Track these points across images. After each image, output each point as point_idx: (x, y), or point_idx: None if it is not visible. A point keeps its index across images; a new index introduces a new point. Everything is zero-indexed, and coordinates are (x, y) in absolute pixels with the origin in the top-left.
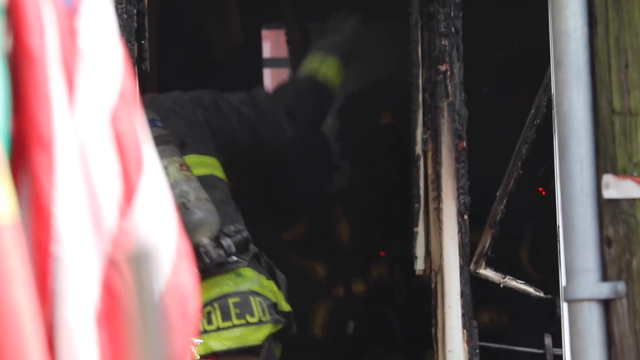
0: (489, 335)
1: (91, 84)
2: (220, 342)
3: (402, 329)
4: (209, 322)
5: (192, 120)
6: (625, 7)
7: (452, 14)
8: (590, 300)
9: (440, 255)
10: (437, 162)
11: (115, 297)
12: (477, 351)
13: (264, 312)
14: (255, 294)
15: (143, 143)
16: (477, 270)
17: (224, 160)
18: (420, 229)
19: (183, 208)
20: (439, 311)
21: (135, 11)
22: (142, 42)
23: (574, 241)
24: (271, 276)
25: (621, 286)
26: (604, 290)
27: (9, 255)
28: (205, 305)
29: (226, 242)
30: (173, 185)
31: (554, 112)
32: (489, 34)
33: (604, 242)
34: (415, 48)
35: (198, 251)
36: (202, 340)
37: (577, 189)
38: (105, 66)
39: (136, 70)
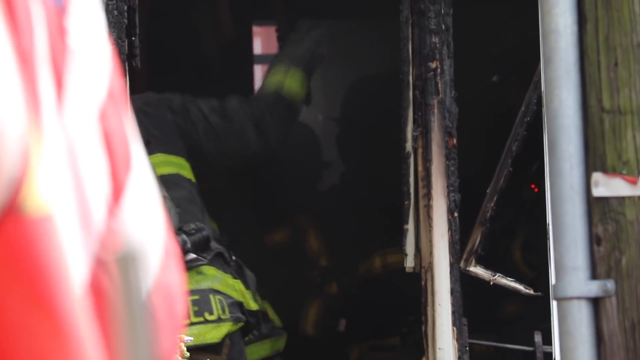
0: None
1: (80, 83)
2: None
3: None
4: None
5: (161, 119)
6: (614, 5)
7: (442, 11)
8: (579, 298)
9: (430, 253)
10: (427, 160)
11: (102, 297)
12: (467, 348)
13: (223, 310)
14: (216, 292)
15: (131, 141)
16: (467, 268)
17: (193, 164)
18: (410, 226)
19: None
20: (429, 309)
21: (125, 7)
22: (133, 38)
23: (564, 239)
24: (239, 275)
25: (610, 284)
26: (594, 288)
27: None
28: None
29: (181, 238)
30: None
31: (544, 109)
32: (479, 31)
33: (594, 240)
34: (406, 45)
35: None
36: (192, 338)
37: (567, 186)
38: (94, 64)
39: (126, 67)
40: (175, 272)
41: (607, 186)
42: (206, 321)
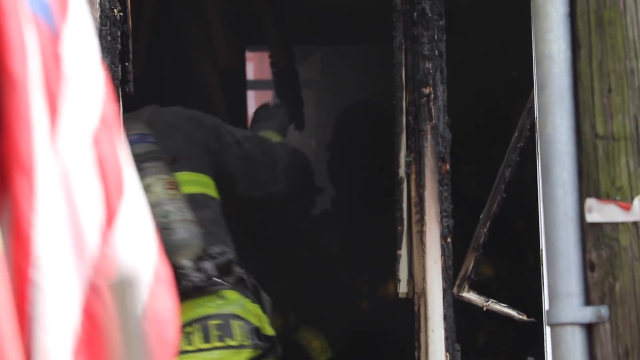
0: None
1: (74, 109)
2: None
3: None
4: (189, 342)
5: (191, 136)
6: (608, 31)
7: (435, 37)
8: (573, 324)
9: (423, 279)
10: (420, 185)
11: (96, 322)
12: None
13: (245, 336)
14: (238, 317)
15: (124, 167)
16: (460, 294)
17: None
18: (403, 251)
19: (164, 228)
20: (422, 334)
21: (119, 33)
22: (126, 64)
23: (557, 265)
24: (256, 298)
25: (604, 310)
26: (587, 314)
27: None
28: (185, 325)
29: (207, 265)
30: (156, 204)
31: (537, 135)
32: (473, 57)
33: (587, 266)
34: (399, 71)
35: (177, 273)
36: None
37: (561, 212)
38: (88, 90)
39: (120, 92)
40: (166, 299)
41: (600, 212)
42: (228, 346)
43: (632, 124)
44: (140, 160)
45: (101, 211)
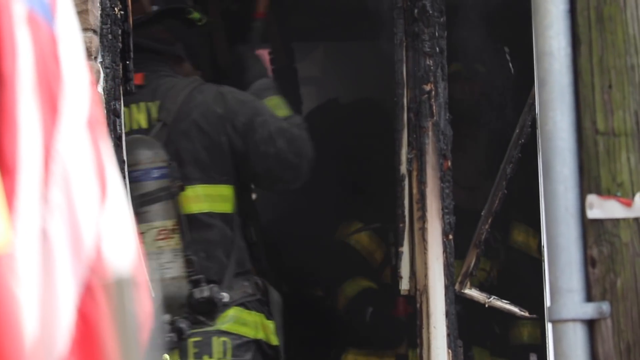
0: None
1: (72, 109)
2: None
3: None
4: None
5: (214, 141)
6: (608, 27)
7: (436, 34)
8: (574, 320)
9: (425, 275)
10: (421, 182)
11: (91, 323)
12: None
13: (224, 353)
14: (223, 333)
15: (108, 168)
16: (462, 290)
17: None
18: (405, 248)
19: None
20: (424, 331)
21: (120, 32)
22: (127, 62)
23: (559, 261)
24: (262, 304)
25: (605, 306)
26: (589, 310)
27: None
28: None
29: (183, 324)
30: None
31: (538, 132)
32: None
33: (588, 262)
34: (400, 68)
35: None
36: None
37: (562, 209)
38: (78, 90)
39: (120, 91)
40: (145, 301)
41: (601, 208)
42: None
43: (632, 120)
44: (137, 204)
45: (97, 211)
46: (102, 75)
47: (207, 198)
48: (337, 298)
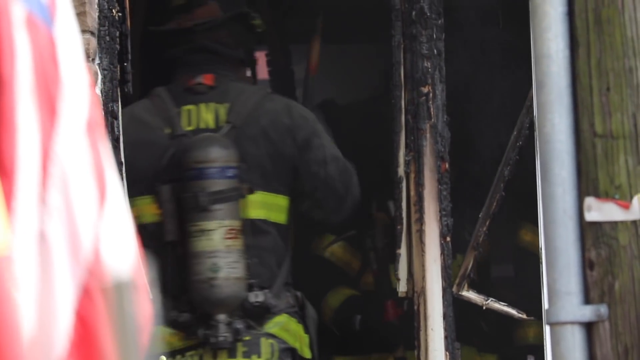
0: None
1: (71, 111)
2: None
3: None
4: (214, 356)
5: (279, 152)
6: (606, 29)
7: (434, 36)
8: (572, 323)
9: (423, 277)
10: (419, 184)
11: (89, 326)
12: None
13: (273, 354)
14: (271, 336)
15: (107, 171)
16: (460, 292)
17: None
18: (402, 250)
19: (209, 283)
20: (421, 333)
21: (117, 34)
22: (125, 64)
23: (556, 264)
24: (302, 316)
25: (603, 309)
26: (587, 313)
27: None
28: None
29: (238, 324)
30: (211, 254)
31: (536, 134)
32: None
33: (587, 264)
34: (398, 70)
35: (209, 324)
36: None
37: (560, 211)
38: (77, 92)
39: (118, 93)
40: (144, 305)
41: (599, 211)
42: None
43: (630, 123)
44: (210, 201)
45: (95, 214)
46: (99, 77)
47: (265, 206)
48: (321, 311)
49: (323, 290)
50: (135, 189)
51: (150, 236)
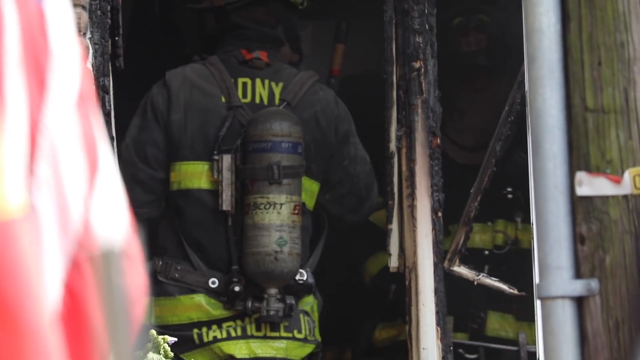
0: None
1: (61, 83)
2: (265, 350)
3: None
4: (258, 328)
5: (325, 139)
6: (598, 4)
7: (426, 11)
8: (563, 297)
9: (414, 253)
10: (411, 159)
11: (78, 298)
12: (451, 348)
13: (310, 331)
14: (306, 313)
15: (99, 143)
16: (451, 268)
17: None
18: (394, 226)
19: (273, 256)
20: (412, 308)
21: (109, 8)
22: (116, 38)
23: (547, 238)
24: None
25: (594, 284)
26: (577, 287)
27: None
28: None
29: (289, 299)
30: (279, 227)
31: (528, 109)
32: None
33: (577, 239)
34: (390, 45)
35: (260, 297)
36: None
37: (551, 186)
38: (68, 65)
39: (109, 67)
40: (137, 276)
41: (591, 185)
42: (294, 338)
43: (622, 97)
44: (283, 174)
45: (85, 186)
46: (90, 51)
47: (305, 191)
48: (363, 275)
49: (365, 255)
50: (186, 153)
51: (198, 203)
